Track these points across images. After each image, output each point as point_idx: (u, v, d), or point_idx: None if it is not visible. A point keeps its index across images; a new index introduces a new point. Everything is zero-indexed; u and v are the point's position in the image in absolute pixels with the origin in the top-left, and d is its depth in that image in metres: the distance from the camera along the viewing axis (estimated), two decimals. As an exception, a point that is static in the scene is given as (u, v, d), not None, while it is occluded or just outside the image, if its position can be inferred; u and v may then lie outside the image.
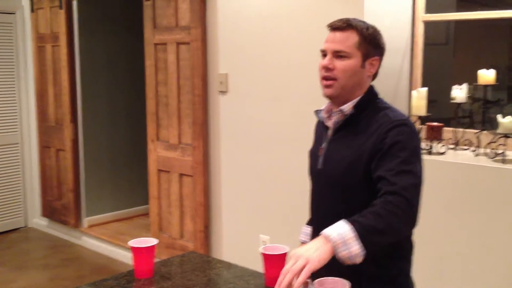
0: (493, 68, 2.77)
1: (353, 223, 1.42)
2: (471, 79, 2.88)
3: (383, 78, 2.12)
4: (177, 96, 3.81)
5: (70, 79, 4.79)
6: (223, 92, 3.59)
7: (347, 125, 1.67)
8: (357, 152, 1.59)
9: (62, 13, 4.74)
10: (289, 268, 1.40)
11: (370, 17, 2.86)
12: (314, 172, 1.78)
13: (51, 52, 4.94)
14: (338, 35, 1.64)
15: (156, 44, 3.92)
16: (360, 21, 1.67)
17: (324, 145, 1.72)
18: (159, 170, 4.03)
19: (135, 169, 5.33)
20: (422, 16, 3.06)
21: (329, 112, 1.74)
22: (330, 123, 1.72)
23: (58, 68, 4.88)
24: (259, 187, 3.46)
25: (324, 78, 1.66)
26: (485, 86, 2.76)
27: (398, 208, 1.44)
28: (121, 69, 5.23)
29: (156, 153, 4.03)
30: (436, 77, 3.34)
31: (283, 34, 3.22)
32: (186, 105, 3.77)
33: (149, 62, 3.99)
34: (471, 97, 2.87)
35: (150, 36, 3.95)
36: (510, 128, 2.53)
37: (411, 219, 1.49)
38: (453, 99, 2.85)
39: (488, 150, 2.63)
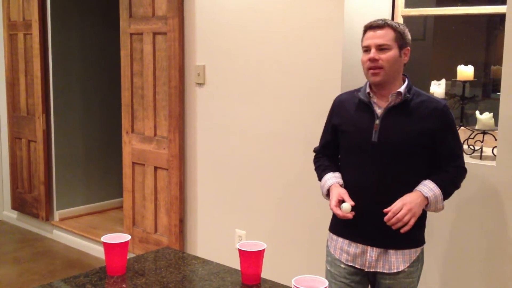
0: (470, 64, 2.77)
1: (441, 188, 1.97)
2: (448, 74, 2.88)
3: (361, 73, 2.10)
4: (153, 88, 3.74)
5: (42, 68, 4.67)
6: (200, 84, 3.53)
7: (398, 105, 1.99)
8: (417, 126, 1.96)
9: (35, 1, 4.60)
10: (400, 216, 1.90)
11: (351, 11, 2.84)
12: (366, 145, 2.02)
13: (23, 41, 4.80)
14: (378, 32, 1.98)
15: (132, 34, 3.83)
16: (392, 20, 2.05)
17: (377, 121, 2.00)
18: (134, 163, 3.96)
19: (108, 161, 5.23)
20: (402, 10, 3.05)
21: (369, 96, 2.05)
22: (380, 104, 2.02)
23: (30, 57, 4.75)
24: (235, 181, 3.42)
25: (371, 68, 1.98)
26: (463, 82, 2.76)
27: (463, 177, 2.07)
28: (95, 59, 5.12)
29: (131, 145, 3.95)
30: (413, 72, 3.34)
31: (262, 27, 3.18)
32: (162, 97, 3.70)
33: (124, 52, 3.90)
34: (448, 93, 2.87)
35: (125, 26, 3.86)
36: (488, 125, 2.53)
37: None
38: (431, 94, 2.84)
39: (465, 146, 2.63)
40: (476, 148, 2.59)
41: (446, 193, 2.00)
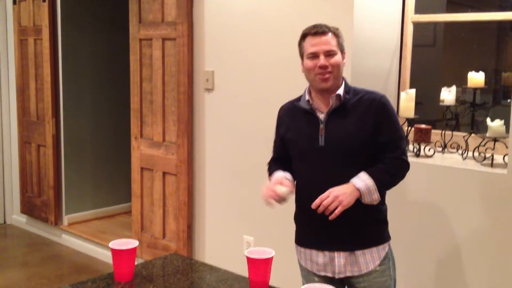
0: (480, 71, 2.75)
1: (374, 178, 1.95)
2: (458, 81, 2.86)
3: (372, 78, 2.10)
4: (162, 93, 3.75)
5: (52, 73, 4.70)
6: (209, 90, 3.53)
7: (339, 107, 2.01)
8: (360, 124, 1.98)
9: (45, 6, 4.63)
10: (325, 203, 1.91)
11: (360, 17, 2.83)
12: (314, 150, 2.03)
13: (33, 46, 4.83)
14: (324, 38, 1.99)
15: (141, 40, 3.84)
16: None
17: (322, 126, 2.01)
18: (142, 168, 3.96)
19: (117, 166, 5.24)
20: (412, 16, 3.04)
21: (309, 103, 2.05)
22: (321, 109, 2.04)
23: (40, 62, 4.78)
24: (244, 187, 3.41)
25: (320, 74, 1.98)
26: (474, 89, 2.74)
27: (403, 169, 2.05)
28: (105, 64, 5.13)
29: (140, 150, 3.96)
30: (423, 78, 3.32)
31: (270, 32, 3.17)
32: (171, 102, 3.70)
33: (133, 58, 3.91)
34: (458, 100, 2.85)
35: (135, 31, 3.88)
36: (499, 132, 2.51)
37: (406, 173, 2.07)
38: (441, 101, 2.82)
39: (476, 154, 2.61)
40: (487, 155, 2.57)
41: (381, 184, 1.97)
